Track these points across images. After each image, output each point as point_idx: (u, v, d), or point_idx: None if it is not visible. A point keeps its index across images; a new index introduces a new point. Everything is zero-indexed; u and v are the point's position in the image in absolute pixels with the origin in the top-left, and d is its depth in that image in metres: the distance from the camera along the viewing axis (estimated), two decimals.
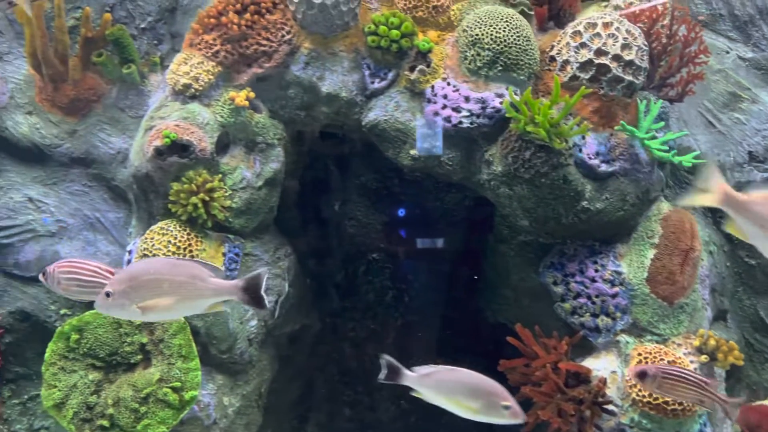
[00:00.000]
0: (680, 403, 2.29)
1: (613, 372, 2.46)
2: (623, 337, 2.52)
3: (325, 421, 3.56)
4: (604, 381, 2.40)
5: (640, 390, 2.35)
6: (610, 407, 2.37)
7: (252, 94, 2.66)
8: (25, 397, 3.11)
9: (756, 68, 2.95)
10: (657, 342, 2.49)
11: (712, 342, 2.46)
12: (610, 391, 2.41)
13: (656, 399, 2.32)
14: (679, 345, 2.49)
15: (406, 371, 2.20)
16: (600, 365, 2.49)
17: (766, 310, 2.93)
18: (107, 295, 1.83)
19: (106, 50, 3.09)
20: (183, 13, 3.25)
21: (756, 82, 2.94)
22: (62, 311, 3.09)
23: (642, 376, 2.15)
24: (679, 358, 2.42)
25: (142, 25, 3.22)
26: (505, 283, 3.00)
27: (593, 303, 2.55)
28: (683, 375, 2.13)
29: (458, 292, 3.49)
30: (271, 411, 3.00)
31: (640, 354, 2.43)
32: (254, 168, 2.71)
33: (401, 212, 3.50)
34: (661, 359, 2.39)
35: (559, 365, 2.42)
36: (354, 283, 3.55)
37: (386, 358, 2.24)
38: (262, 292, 1.93)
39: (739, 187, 2.87)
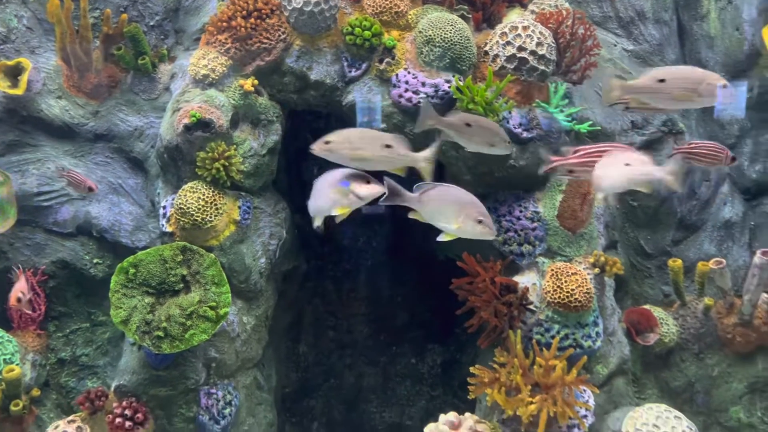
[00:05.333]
0: (579, 301, 3.21)
1: (534, 284, 3.37)
2: (540, 259, 3.42)
3: (313, 341, 4.40)
4: (527, 290, 3.31)
5: (552, 295, 3.26)
6: (532, 307, 3.28)
7: (256, 82, 3.39)
8: (67, 330, 3.78)
9: (636, 57, 3.90)
10: (565, 260, 3.42)
11: (602, 259, 3.40)
12: (532, 297, 3.31)
13: (563, 300, 3.23)
14: (580, 262, 3.43)
15: (407, 192, 2.61)
16: (524, 279, 3.39)
17: (645, 239, 3.93)
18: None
19: (123, 44, 3.73)
20: (185, 12, 3.93)
21: (636, 68, 3.89)
22: (95, 260, 3.77)
23: None
24: (580, 271, 3.34)
25: (151, 23, 3.88)
26: None
27: (519, 235, 3.44)
28: None
29: (415, 236, 4.34)
30: (271, 333, 3.78)
31: (552, 269, 3.34)
32: (259, 140, 3.45)
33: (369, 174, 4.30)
34: (568, 271, 3.30)
35: (495, 280, 3.31)
36: (332, 232, 4.37)
37: (388, 181, 2.59)
38: None
39: None
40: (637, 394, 3.70)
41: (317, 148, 2.68)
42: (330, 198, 2.67)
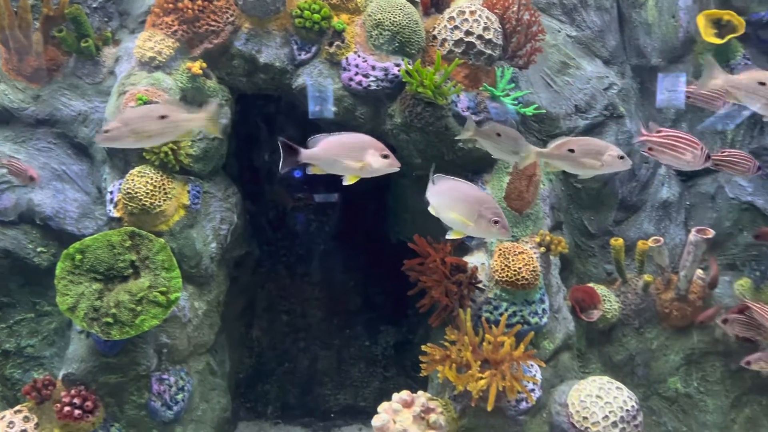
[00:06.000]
0: (526, 279, 3.31)
1: (482, 263, 3.45)
2: (489, 240, 3.51)
3: (266, 326, 4.41)
4: (476, 269, 3.39)
5: (500, 274, 3.35)
6: (481, 286, 3.37)
7: (204, 65, 3.35)
8: (11, 321, 3.69)
9: (579, 43, 4.02)
10: (512, 241, 3.51)
11: (548, 239, 3.51)
12: (481, 276, 3.40)
13: (511, 278, 3.33)
14: (527, 242, 3.53)
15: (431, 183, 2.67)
16: (474, 259, 3.48)
17: (588, 220, 4.07)
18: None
19: (65, 27, 3.63)
20: None
21: (579, 54, 4.01)
22: (39, 249, 3.68)
23: None
24: (527, 250, 3.45)
25: (94, 5, 3.79)
26: (405, 208, 3.93)
27: None
28: None
29: (367, 220, 4.39)
30: (224, 319, 3.76)
31: (500, 249, 3.44)
32: None
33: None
34: (515, 251, 3.39)
35: (445, 260, 3.38)
36: (284, 218, 4.37)
37: (432, 173, 2.65)
38: None
39: (569, 132, 3.96)
40: (581, 368, 3.85)
41: (99, 139, 2.73)
42: (344, 164, 2.62)
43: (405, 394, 3.27)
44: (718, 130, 4.08)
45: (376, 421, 3.13)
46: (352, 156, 2.61)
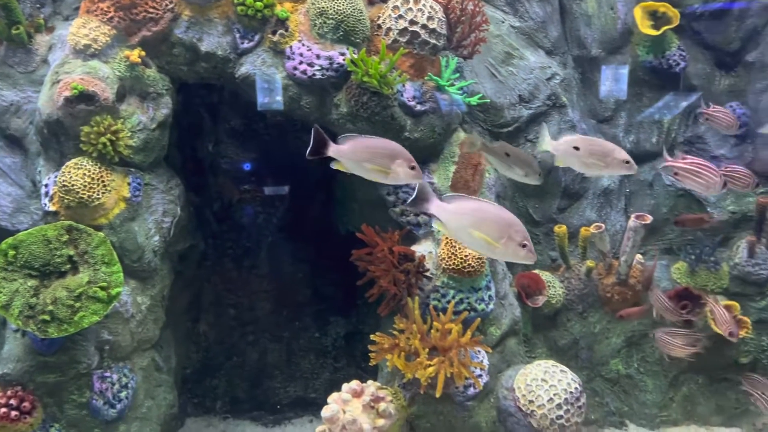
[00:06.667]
0: (472, 266, 3.35)
1: (430, 252, 3.48)
2: (436, 228, 3.53)
3: (213, 320, 4.32)
4: (423, 258, 3.41)
5: (447, 262, 3.39)
6: (428, 274, 3.40)
7: (143, 53, 3.26)
8: None
9: (522, 34, 4.08)
10: None
11: None
12: (428, 265, 3.42)
13: (458, 266, 3.37)
14: None
15: (436, 200, 2.50)
16: (421, 248, 3.50)
17: (533, 208, 4.15)
18: None
19: None
20: None
21: (522, 44, 4.07)
22: None
23: None
24: None
25: None
26: (353, 199, 3.92)
27: None
28: None
29: (315, 211, 4.36)
30: (169, 314, 3.68)
31: (447, 238, 3.47)
32: (148, 113, 3.32)
33: (266, 149, 4.26)
34: None
35: (393, 249, 3.39)
36: (230, 210, 4.29)
37: (420, 185, 2.49)
38: None
39: (513, 122, 4.02)
40: (528, 353, 3.93)
41: None
42: (370, 168, 2.64)
43: (354, 384, 3.27)
44: (655, 120, 4.22)
45: (325, 411, 3.12)
46: (379, 162, 2.61)
